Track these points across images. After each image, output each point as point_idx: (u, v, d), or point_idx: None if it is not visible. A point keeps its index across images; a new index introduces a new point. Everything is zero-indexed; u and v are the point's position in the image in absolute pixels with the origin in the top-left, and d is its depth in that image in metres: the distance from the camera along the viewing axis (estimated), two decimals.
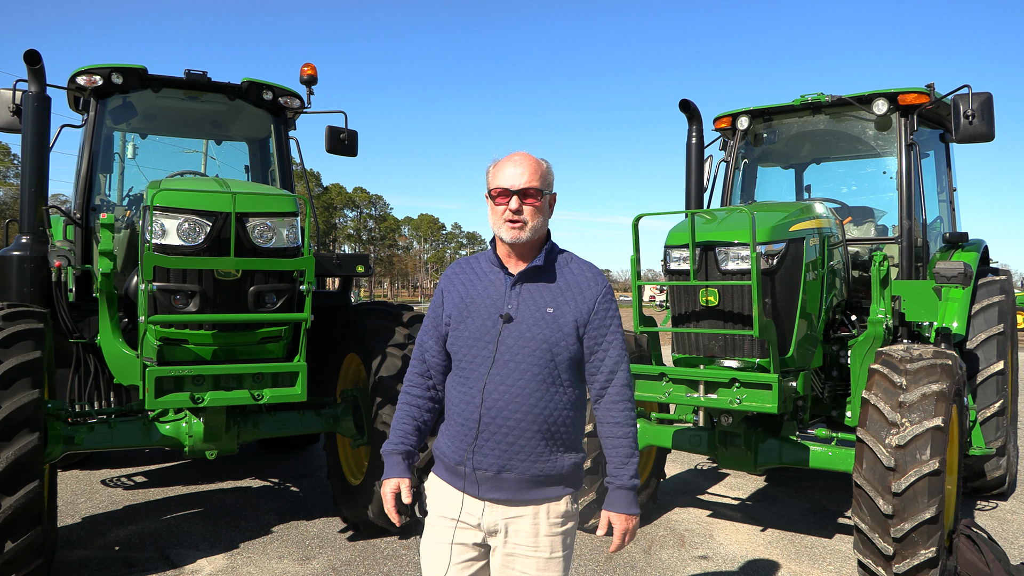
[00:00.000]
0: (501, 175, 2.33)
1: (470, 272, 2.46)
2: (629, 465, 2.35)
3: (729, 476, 7.01)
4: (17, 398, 3.85)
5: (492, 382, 2.28)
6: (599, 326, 2.35)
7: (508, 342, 2.29)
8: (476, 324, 2.33)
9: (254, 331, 4.53)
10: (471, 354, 2.32)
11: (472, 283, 2.42)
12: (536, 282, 2.36)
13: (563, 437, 2.32)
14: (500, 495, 2.29)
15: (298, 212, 4.56)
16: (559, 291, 2.35)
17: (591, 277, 2.40)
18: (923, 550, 3.81)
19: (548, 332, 2.29)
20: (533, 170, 2.32)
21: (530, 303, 2.32)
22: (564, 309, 2.32)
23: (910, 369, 4.17)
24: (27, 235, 4.98)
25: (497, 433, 2.27)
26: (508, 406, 2.26)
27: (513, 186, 2.30)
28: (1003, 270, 6.44)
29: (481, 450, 2.28)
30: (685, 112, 6.25)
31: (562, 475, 2.33)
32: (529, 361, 2.27)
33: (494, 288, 2.37)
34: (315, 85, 6.14)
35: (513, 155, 2.37)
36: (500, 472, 2.27)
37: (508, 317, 2.30)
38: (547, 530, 2.31)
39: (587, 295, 2.36)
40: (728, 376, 4.49)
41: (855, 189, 6.98)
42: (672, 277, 4.80)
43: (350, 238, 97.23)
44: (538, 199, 2.32)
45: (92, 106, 5.71)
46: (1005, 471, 5.92)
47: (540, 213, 2.34)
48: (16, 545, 3.75)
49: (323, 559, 4.80)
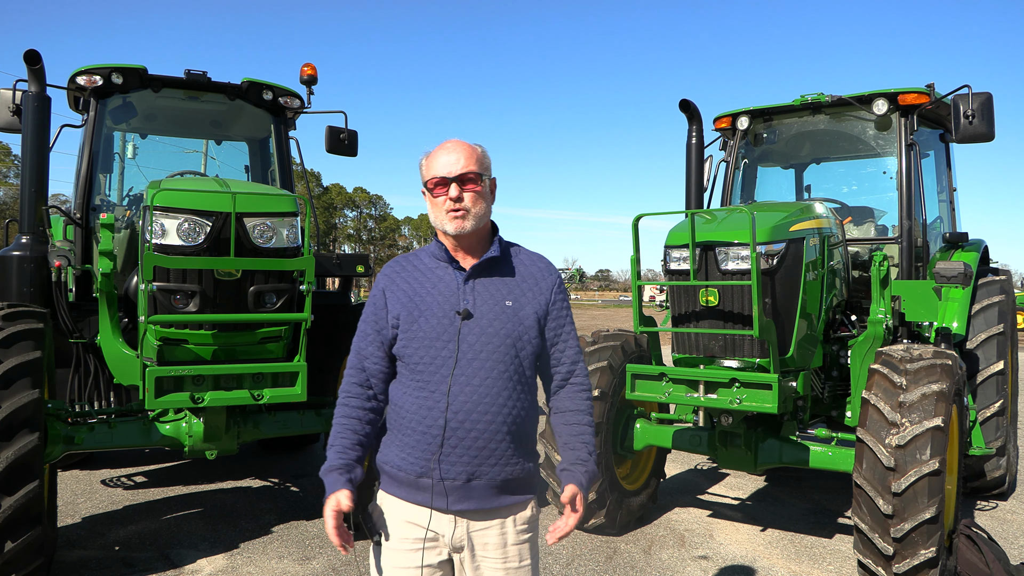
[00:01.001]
0: (435, 164, 2.20)
1: (412, 270, 2.29)
2: (591, 447, 2.32)
3: (729, 476, 7.01)
4: (17, 398, 3.85)
5: (457, 384, 2.12)
6: (557, 317, 2.29)
7: (470, 339, 2.15)
8: (431, 323, 2.17)
9: (254, 331, 4.53)
10: (428, 356, 2.16)
11: (418, 280, 2.26)
12: (491, 275, 2.24)
13: (527, 439, 2.24)
14: (468, 505, 2.16)
15: (298, 212, 4.56)
16: (515, 284, 2.25)
17: (544, 268, 2.33)
18: (923, 550, 3.81)
19: (510, 326, 2.18)
20: (468, 155, 2.20)
21: (487, 297, 2.20)
22: (522, 302, 2.23)
23: (910, 369, 4.17)
24: (27, 235, 4.98)
25: (466, 438, 2.12)
26: (477, 408, 2.12)
27: (450, 173, 2.17)
28: (1003, 270, 6.44)
29: (448, 458, 2.12)
30: (685, 112, 6.26)
31: (527, 479, 2.25)
32: (495, 358, 2.15)
33: (444, 284, 2.22)
34: (315, 85, 6.14)
35: (445, 143, 2.25)
36: (469, 480, 2.13)
37: (467, 313, 2.17)
38: (514, 539, 2.22)
39: (543, 286, 2.28)
40: (728, 376, 4.49)
41: (855, 189, 6.98)
42: (672, 277, 4.80)
43: (350, 238, 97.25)
44: (478, 184, 2.20)
45: (92, 106, 5.72)
46: (1005, 471, 5.93)
47: (482, 199, 2.21)
48: (16, 545, 3.75)
49: (323, 559, 4.80)
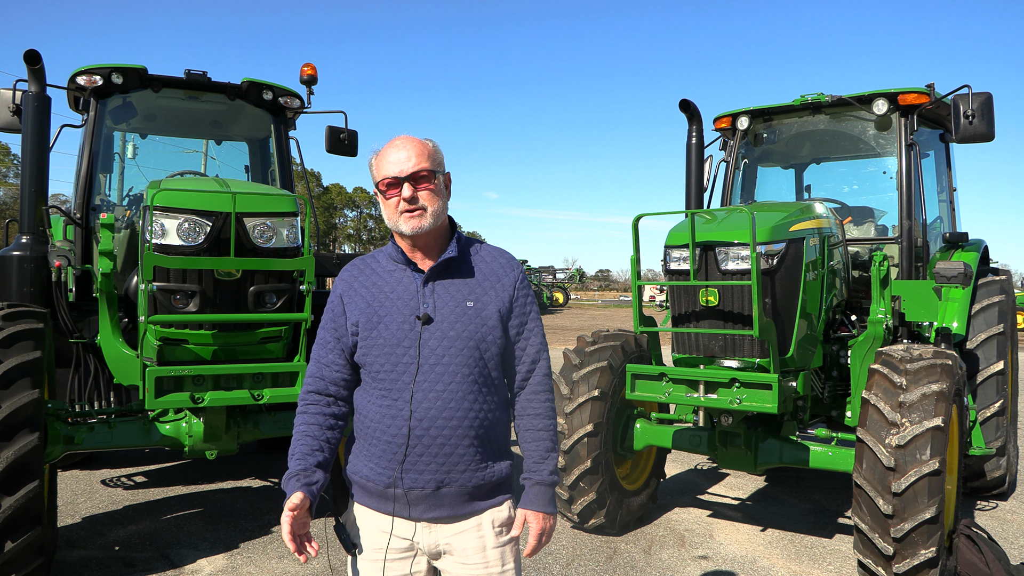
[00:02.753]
0: (385, 164, 2.11)
1: (370, 273, 2.21)
2: (549, 460, 2.21)
3: (729, 476, 7.01)
4: (17, 398, 3.85)
5: (420, 390, 2.06)
6: (520, 314, 2.21)
7: (431, 344, 2.08)
8: (391, 329, 2.10)
9: (254, 331, 4.53)
10: (390, 363, 2.09)
11: (376, 285, 2.18)
12: (450, 276, 2.16)
13: (497, 441, 2.18)
14: (439, 513, 2.11)
15: (298, 212, 4.56)
16: (476, 283, 2.17)
17: (505, 263, 2.23)
18: (923, 550, 3.81)
19: (473, 328, 2.11)
20: (419, 151, 2.11)
21: (447, 299, 2.13)
22: (485, 300, 2.14)
23: (910, 369, 4.17)
24: (27, 235, 4.98)
25: (432, 446, 2.06)
26: (442, 414, 2.06)
27: (401, 172, 2.08)
28: (1003, 270, 6.44)
29: (414, 467, 2.07)
30: (685, 112, 6.26)
31: (500, 482, 2.19)
32: (458, 362, 2.08)
33: (403, 287, 2.15)
34: (315, 85, 6.15)
35: (394, 140, 2.15)
36: (439, 488, 2.08)
37: (427, 318, 2.09)
38: (493, 542, 2.16)
39: (505, 282, 2.19)
40: (728, 376, 4.49)
41: (855, 189, 6.98)
42: (672, 277, 4.80)
43: (350, 238, 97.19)
44: (432, 181, 2.11)
45: (92, 106, 5.72)
46: (1005, 471, 5.92)
47: (438, 196, 2.13)
48: (16, 545, 3.75)
49: (323, 559, 4.80)
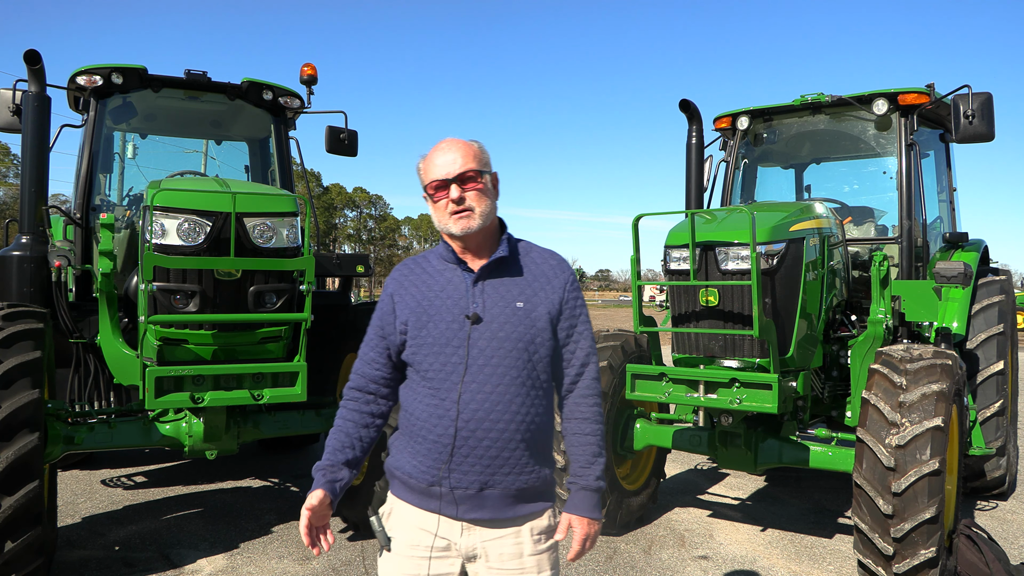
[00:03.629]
0: (433, 167, 2.13)
1: (421, 272, 2.22)
2: (595, 465, 2.18)
3: (729, 476, 7.01)
4: (17, 398, 3.85)
5: (468, 391, 2.06)
6: (570, 316, 2.19)
7: (480, 344, 2.07)
8: (440, 328, 2.10)
9: (254, 331, 4.53)
10: (438, 362, 2.09)
11: (427, 284, 2.18)
12: (500, 276, 2.15)
13: (543, 445, 2.17)
14: (481, 514, 2.09)
15: (298, 212, 4.56)
16: (526, 283, 2.15)
17: (556, 265, 2.21)
18: (923, 550, 3.81)
19: (522, 329, 2.10)
20: (465, 152, 2.12)
21: (497, 299, 2.12)
22: (535, 302, 2.13)
23: (910, 369, 4.17)
24: (27, 235, 4.98)
25: (478, 447, 2.06)
26: (489, 416, 2.06)
27: (448, 174, 2.10)
28: (1003, 270, 6.44)
29: (460, 467, 2.06)
30: (685, 112, 6.26)
31: (544, 487, 2.17)
32: (507, 364, 2.08)
33: (453, 287, 2.15)
34: (315, 85, 6.14)
35: (440, 143, 2.17)
36: (482, 489, 2.07)
37: (476, 317, 2.09)
38: (531, 549, 2.14)
39: (555, 284, 2.17)
40: (728, 376, 4.49)
41: (856, 189, 6.98)
42: (672, 277, 4.80)
43: (350, 238, 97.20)
44: (479, 181, 2.12)
45: (92, 106, 5.72)
46: (1005, 471, 5.92)
47: (486, 196, 2.14)
48: (16, 545, 3.75)
49: (323, 559, 4.80)
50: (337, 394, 5.58)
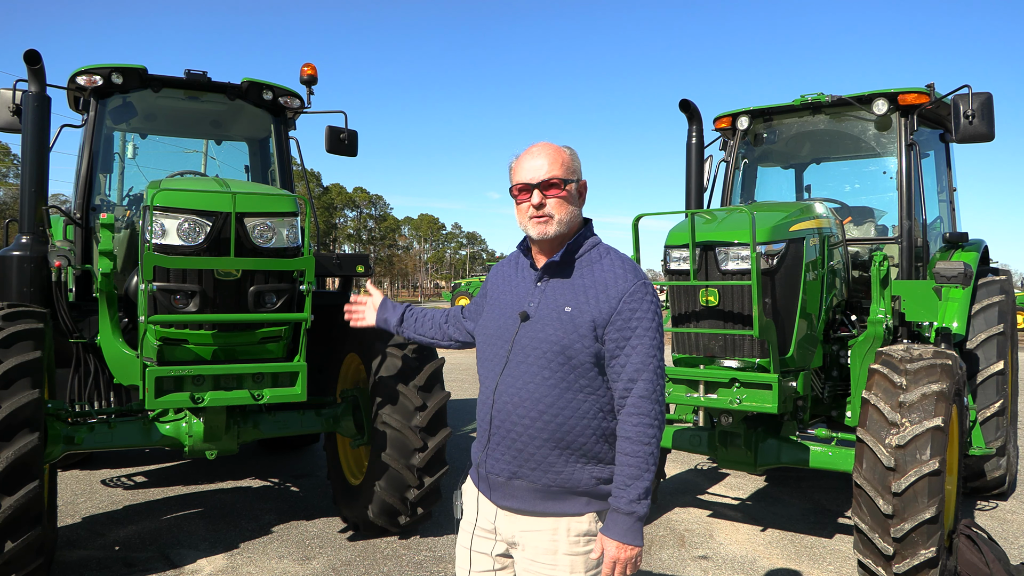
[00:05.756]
0: (520, 170, 2.21)
1: (509, 266, 2.39)
2: (632, 488, 2.06)
3: (729, 476, 7.01)
4: (17, 398, 3.85)
5: (504, 383, 2.17)
6: (622, 328, 2.11)
7: (523, 342, 2.16)
8: (497, 322, 2.25)
9: (254, 331, 4.52)
10: (489, 352, 2.25)
11: (508, 278, 2.35)
12: (559, 278, 2.21)
13: (582, 448, 2.12)
14: (513, 503, 2.17)
15: (298, 212, 4.56)
16: (581, 289, 2.17)
17: (621, 274, 2.17)
18: (923, 550, 3.81)
19: (562, 333, 2.11)
20: (553, 159, 2.18)
21: (550, 301, 2.18)
22: (583, 308, 2.13)
23: (910, 369, 4.17)
24: (27, 235, 4.97)
25: (507, 438, 2.15)
26: (516, 410, 2.13)
27: (533, 179, 2.17)
28: (1003, 270, 6.44)
29: (493, 454, 2.18)
30: (685, 112, 6.25)
31: (582, 489, 2.13)
32: (540, 364, 2.12)
33: (522, 285, 2.28)
34: (315, 85, 6.14)
35: (531, 147, 2.23)
36: (511, 479, 2.15)
37: (525, 315, 2.18)
38: (567, 548, 2.12)
39: (611, 293, 2.14)
40: (728, 376, 4.49)
41: (856, 188, 6.98)
42: (672, 277, 4.80)
43: (350, 238, 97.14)
44: (562, 189, 2.18)
45: (92, 106, 5.71)
46: (1005, 471, 5.92)
47: (568, 204, 2.20)
48: (16, 545, 3.75)
49: (323, 559, 4.80)
50: (337, 394, 5.58)
